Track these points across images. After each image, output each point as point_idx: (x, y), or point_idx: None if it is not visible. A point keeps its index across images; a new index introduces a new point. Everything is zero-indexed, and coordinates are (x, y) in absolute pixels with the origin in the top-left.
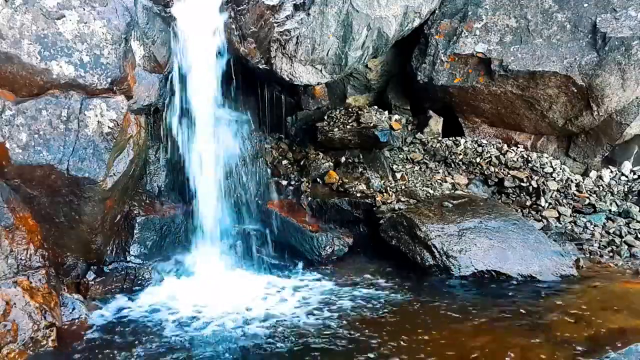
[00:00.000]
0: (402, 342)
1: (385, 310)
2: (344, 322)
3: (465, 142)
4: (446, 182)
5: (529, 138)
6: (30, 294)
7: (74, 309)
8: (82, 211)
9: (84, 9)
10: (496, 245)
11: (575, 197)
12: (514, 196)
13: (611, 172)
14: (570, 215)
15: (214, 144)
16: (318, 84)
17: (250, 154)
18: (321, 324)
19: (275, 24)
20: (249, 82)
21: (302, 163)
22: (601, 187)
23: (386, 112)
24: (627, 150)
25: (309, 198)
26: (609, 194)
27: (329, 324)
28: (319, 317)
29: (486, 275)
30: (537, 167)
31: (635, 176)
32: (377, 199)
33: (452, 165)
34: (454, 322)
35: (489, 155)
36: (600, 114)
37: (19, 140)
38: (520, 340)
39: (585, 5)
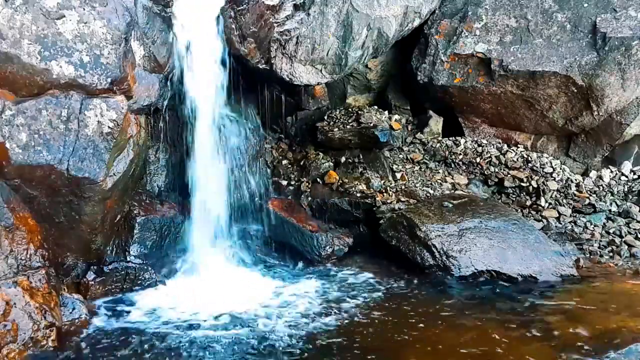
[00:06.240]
0: (401, 342)
1: (385, 310)
2: (343, 321)
3: (465, 142)
4: (446, 182)
5: (529, 138)
6: (30, 294)
7: (74, 309)
8: (82, 211)
9: (84, 9)
10: (496, 245)
11: (575, 197)
12: (514, 196)
13: (611, 172)
14: (570, 215)
15: (214, 144)
16: (318, 84)
17: (250, 154)
18: (320, 323)
19: (275, 24)
20: (249, 82)
21: (302, 163)
22: (601, 187)
23: (386, 112)
24: (627, 150)
25: (309, 198)
26: (609, 194)
27: (328, 323)
28: (318, 317)
29: (486, 275)
30: (537, 167)
31: (635, 176)
32: (377, 199)
33: (452, 165)
34: (453, 322)
35: (489, 155)
36: (600, 114)
37: (19, 140)
38: (520, 340)
39: (585, 5)
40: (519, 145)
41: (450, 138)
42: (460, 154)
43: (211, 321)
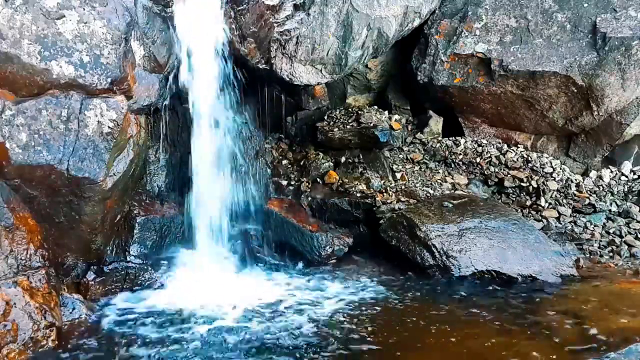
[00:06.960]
0: (400, 342)
1: (385, 310)
2: (342, 322)
3: (465, 142)
4: (446, 182)
5: (529, 138)
6: (30, 294)
7: (74, 309)
8: (82, 211)
9: (84, 9)
10: (496, 245)
11: (575, 197)
12: (514, 196)
13: (611, 172)
14: (570, 215)
15: (213, 144)
16: (318, 84)
17: (250, 154)
18: (318, 323)
19: (275, 24)
20: (249, 82)
21: (302, 163)
22: (601, 187)
23: (386, 112)
24: (627, 150)
25: (309, 198)
26: (609, 194)
27: (326, 322)
28: (318, 316)
29: (486, 276)
30: (537, 167)
31: (635, 176)
32: (377, 199)
33: (452, 165)
34: (453, 322)
35: (489, 155)
36: (600, 114)
37: (19, 140)
38: (520, 340)
39: (585, 5)
40: (519, 145)
41: (450, 138)
42: (460, 154)
43: (211, 321)
